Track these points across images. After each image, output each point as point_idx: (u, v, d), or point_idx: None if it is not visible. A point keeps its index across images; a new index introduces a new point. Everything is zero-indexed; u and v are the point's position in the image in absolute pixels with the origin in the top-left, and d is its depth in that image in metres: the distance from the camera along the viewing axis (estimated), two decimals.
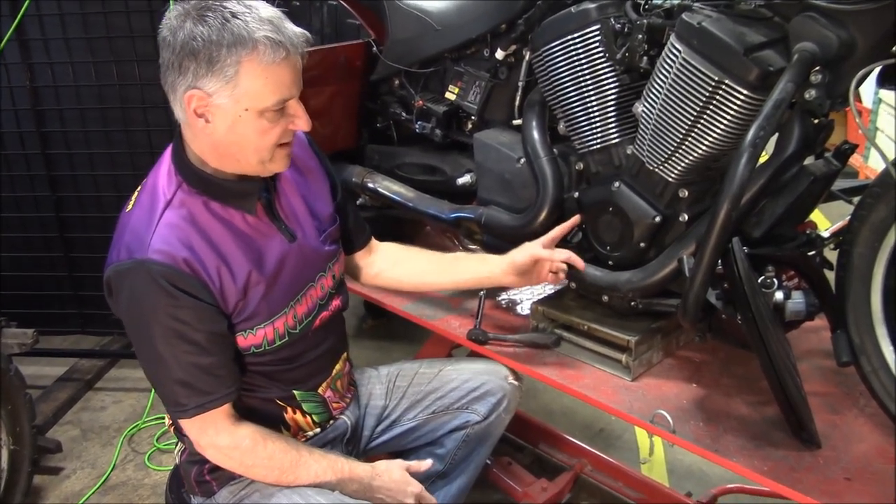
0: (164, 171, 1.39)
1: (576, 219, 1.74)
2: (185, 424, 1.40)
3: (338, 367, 1.62)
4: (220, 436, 1.39)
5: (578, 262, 1.67)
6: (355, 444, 1.72)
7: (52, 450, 2.60)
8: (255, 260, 1.39)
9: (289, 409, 1.53)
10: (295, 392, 1.53)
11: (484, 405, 1.74)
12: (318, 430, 1.59)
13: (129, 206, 1.39)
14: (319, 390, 1.57)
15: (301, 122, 1.34)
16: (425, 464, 1.56)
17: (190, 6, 1.27)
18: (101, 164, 3.04)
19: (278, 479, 1.43)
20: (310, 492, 1.44)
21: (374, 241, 1.79)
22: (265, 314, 1.41)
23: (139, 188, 1.41)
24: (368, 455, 1.76)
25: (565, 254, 1.67)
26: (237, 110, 1.27)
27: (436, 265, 1.77)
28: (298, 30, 1.30)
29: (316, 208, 1.55)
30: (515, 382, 1.80)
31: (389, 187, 2.12)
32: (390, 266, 1.78)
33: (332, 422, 1.62)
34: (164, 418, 2.84)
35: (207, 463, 1.49)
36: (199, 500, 1.55)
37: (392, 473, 1.51)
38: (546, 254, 1.66)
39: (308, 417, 1.56)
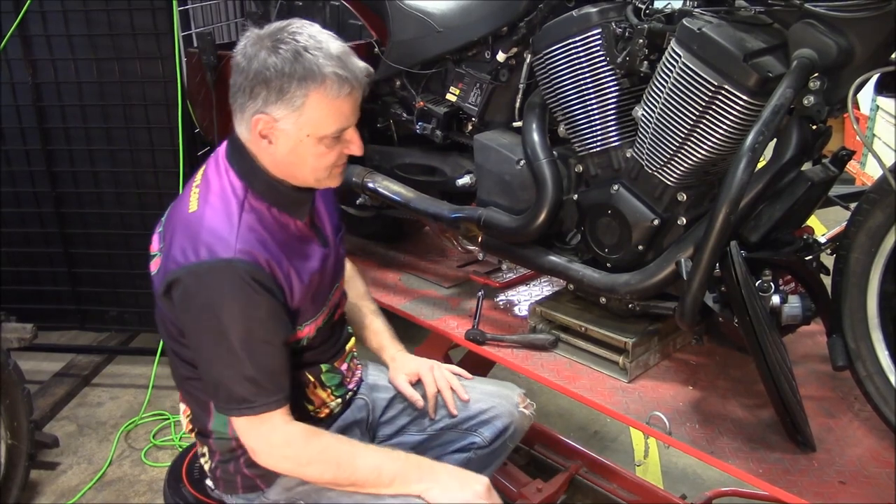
0: (224, 174, 1.43)
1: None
2: (242, 424, 1.40)
3: (350, 344, 1.68)
4: (273, 433, 1.40)
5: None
6: (372, 433, 1.73)
7: (49, 445, 2.61)
8: (308, 262, 1.47)
9: (311, 384, 1.56)
10: (321, 366, 1.57)
11: (490, 430, 1.71)
12: (339, 400, 1.62)
13: (193, 206, 1.40)
14: (336, 363, 1.62)
15: (355, 148, 1.43)
16: None
17: (265, 35, 1.35)
18: (101, 161, 3.04)
19: (335, 475, 1.42)
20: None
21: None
22: (312, 312, 1.49)
23: (196, 189, 1.43)
24: None
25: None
26: (300, 136, 1.36)
27: (360, 318, 1.82)
28: (362, 64, 1.38)
29: (334, 214, 1.63)
30: (525, 411, 1.75)
31: (389, 187, 2.13)
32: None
33: (349, 395, 1.66)
34: (162, 414, 2.86)
35: (244, 457, 1.49)
36: (240, 499, 1.55)
37: (462, 473, 1.48)
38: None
39: (328, 390, 1.59)
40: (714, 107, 1.46)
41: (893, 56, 1.39)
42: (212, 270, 1.32)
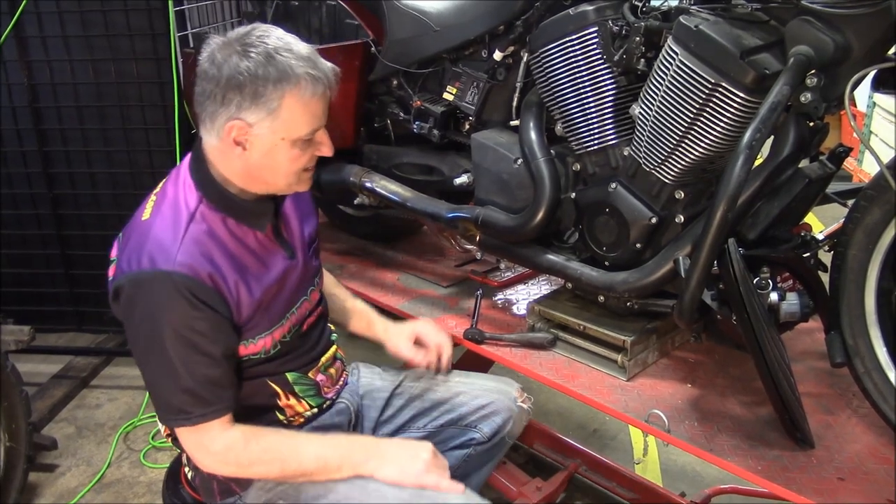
0: (182, 184, 1.43)
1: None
2: (182, 433, 1.41)
3: (326, 356, 1.64)
4: (214, 442, 1.40)
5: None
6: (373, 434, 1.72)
7: (48, 447, 2.60)
8: (264, 275, 1.45)
9: (282, 395, 1.54)
10: (287, 374, 1.55)
11: (489, 425, 1.72)
12: (315, 410, 1.60)
13: (146, 215, 1.41)
14: (310, 374, 1.60)
15: (325, 149, 1.43)
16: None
17: (232, 40, 1.33)
18: (98, 162, 3.04)
19: (282, 471, 1.43)
20: (346, 486, 1.44)
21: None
22: (266, 325, 1.46)
23: (154, 198, 1.44)
24: None
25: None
26: (274, 139, 1.35)
27: (340, 304, 1.83)
28: (329, 65, 1.38)
29: (307, 226, 1.61)
30: (524, 406, 1.76)
31: (387, 187, 2.13)
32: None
33: (328, 403, 1.63)
34: None
35: None
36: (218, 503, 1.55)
37: (406, 444, 1.49)
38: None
39: (303, 401, 1.58)
40: (711, 104, 1.46)
41: (890, 52, 1.39)
42: (151, 281, 1.33)
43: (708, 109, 1.46)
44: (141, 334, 1.37)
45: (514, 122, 1.94)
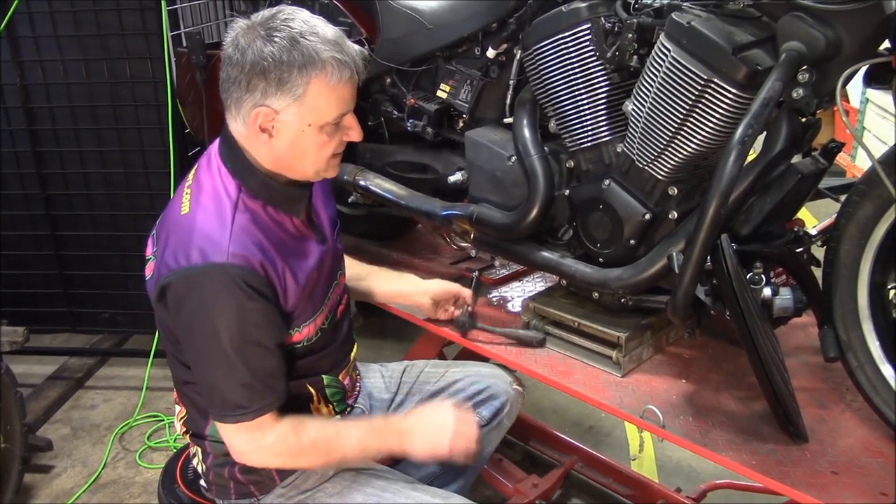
0: (217, 172, 1.40)
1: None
2: (232, 429, 1.39)
3: (353, 353, 1.67)
4: (265, 436, 1.39)
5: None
6: None
7: (43, 448, 2.60)
8: (304, 261, 1.44)
9: (315, 398, 1.55)
10: (324, 377, 1.55)
11: (488, 409, 1.75)
12: (337, 416, 1.61)
13: (185, 209, 1.38)
14: (340, 377, 1.60)
15: (354, 134, 1.40)
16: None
17: (256, 24, 1.31)
18: (91, 162, 3.03)
19: (327, 460, 1.45)
20: (377, 490, 1.49)
21: None
22: (310, 312, 1.47)
23: (188, 190, 1.41)
24: None
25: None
26: (301, 126, 1.33)
27: (364, 272, 1.88)
28: (357, 48, 1.36)
29: (330, 210, 1.61)
30: (519, 388, 1.82)
31: (381, 185, 2.13)
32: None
33: (349, 411, 1.65)
34: (156, 416, 2.85)
35: (238, 464, 1.49)
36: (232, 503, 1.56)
37: (430, 415, 1.50)
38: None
39: (329, 406, 1.59)
40: (703, 100, 1.46)
41: (881, 48, 1.40)
42: (204, 275, 1.30)
43: (700, 105, 1.47)
44: (195, 330, 1.34)
45: (508, 120, 1.94)
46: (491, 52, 1.92)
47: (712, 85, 1.44)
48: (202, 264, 1.30)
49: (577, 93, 1.70)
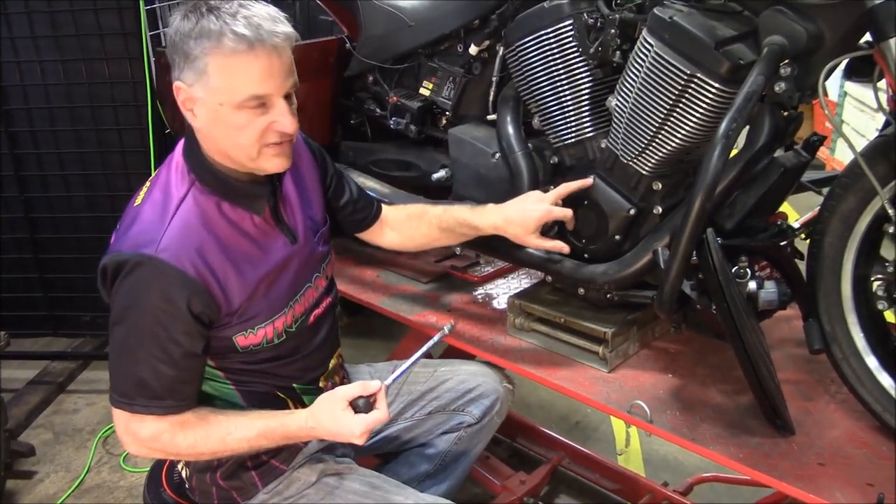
0: (175, 168, 1.39)
1: (586, 181, 1.70)
2: (117, 414, 1.37)
3: (333, 361, 1.63)
4: (142, 429, 1.37)
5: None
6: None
7: (25, 454, 2.57)
8: (261, 261, 1.41)
9: (290, 403, 1.52)
10: (294, 385, 1.53)
11: (478, 407, 1.75)
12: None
13: (138, 200, 1.38)
14: (320, 384, 1.57)
15: (281, 123, 1.31)
16: (373, 385, 1.41)
17: (190, 4, 1.29)
18: (70, 164, 3.00)
19: (209, 459, 1.45)
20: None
21: (384, 214, 1.79)
22: (266, 314, 1.42)
23: (148, 183, 1.41)
24: (362, 454, 1.76)
25: (565, 213, 1.69)
26: (213, 104, 1.28)
27: (435, 228, 1.76)
28: (282, 28, 1.27)
29: (310, 210, 1.56)
30: (509, 386, 1.82)
31: (365, 184, 2.12)
32: (402, 237, 1.81)
33: None
34: None
35: (220, 469, 1.49)
36: None
37: (326, 414, 1.40)
38: (548, 210, 1.67)
39: None
40: (687, 95, 1.46)
41: (861, 41, 1.41)
42: (131, 263, 1.29)
43: (683, 100, 1.47)
44: (116, 312, 1.33)
45: (492, 117, 1.94)
46: (473, 49, 1.92)
47: (695, 80, 1.44)
48: (131, 253, 1.29)
49: (560, 89, 1.70)
